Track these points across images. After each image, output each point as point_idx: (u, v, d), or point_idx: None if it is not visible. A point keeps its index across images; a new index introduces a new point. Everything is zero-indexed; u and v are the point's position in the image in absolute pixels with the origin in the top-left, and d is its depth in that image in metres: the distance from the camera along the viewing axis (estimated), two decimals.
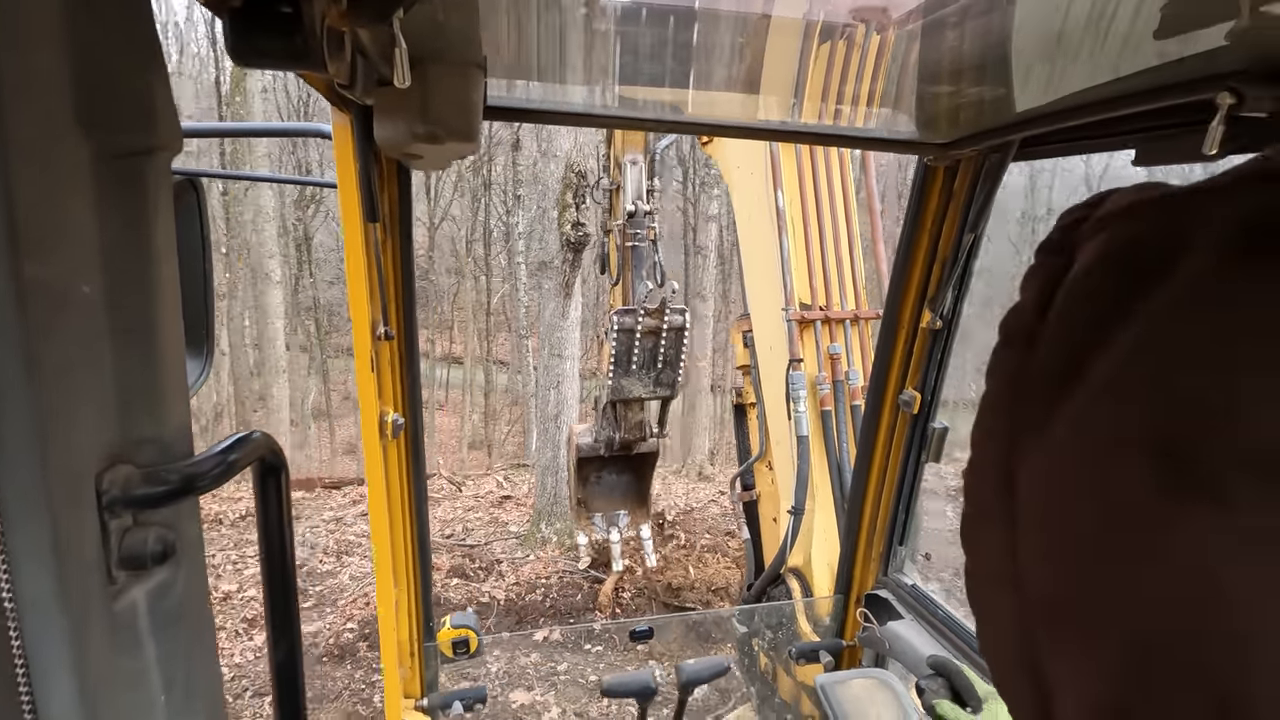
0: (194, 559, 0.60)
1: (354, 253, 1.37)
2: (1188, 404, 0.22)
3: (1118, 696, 0.25)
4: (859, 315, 3.11)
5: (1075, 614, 0.27)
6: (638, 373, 4.11)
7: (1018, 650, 0.30)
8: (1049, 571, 0.28)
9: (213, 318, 1.05)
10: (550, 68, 1.42)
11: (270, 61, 1.00)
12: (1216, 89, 1.01)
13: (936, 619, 1.91)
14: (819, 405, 2.99)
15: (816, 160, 3.15)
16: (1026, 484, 0.28)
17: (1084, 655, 0.27)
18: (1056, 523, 0.27)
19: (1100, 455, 0.25)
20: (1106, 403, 0.24)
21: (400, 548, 1.72)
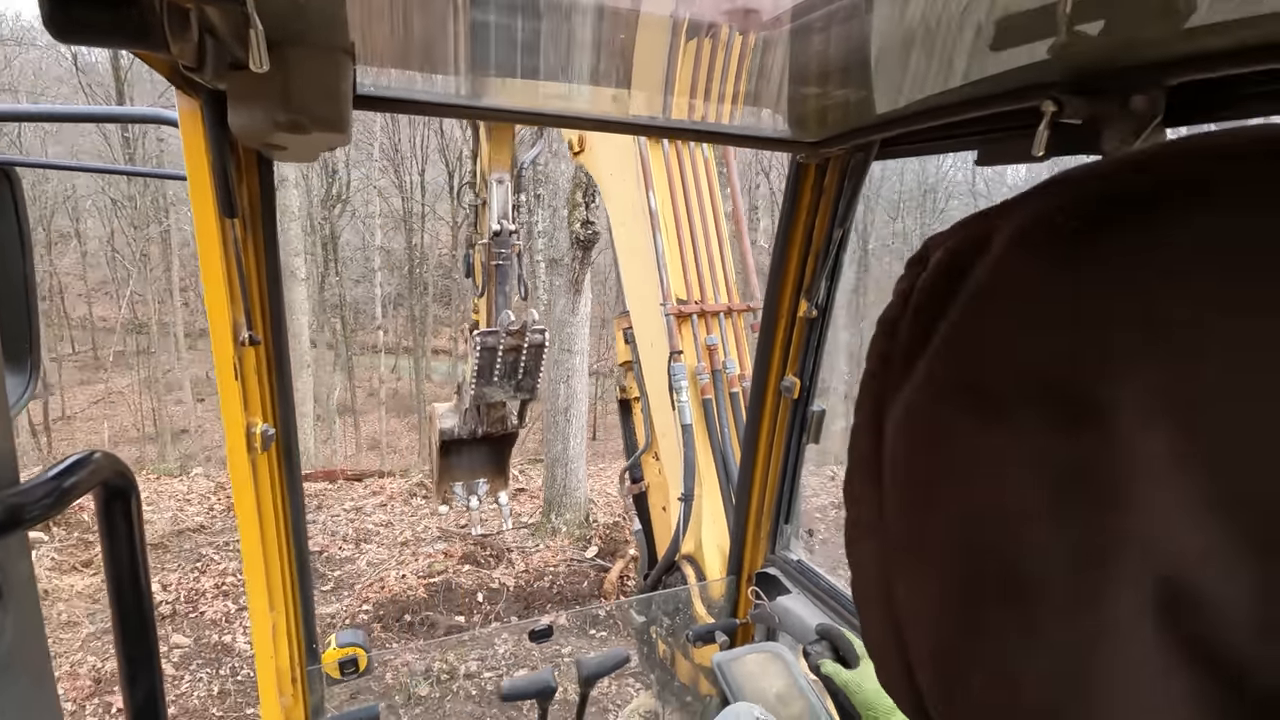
0: (25, 600, 0.53)
1: (209, 251, 1.23)
2: (982, 356, 0.31)
3: (945, 608, 0.31)
4: (732, 308, 3.28)
5: (918, 543, 0.33)
6: (500, 381, 4.54)
7: (878, 592, 0.36)
8: (901, 506, 0.34)
9: (37, 326, 0.91)
10: (424, 57, 1.35)
11: (98, 38, 0.88)
12: (1042, 97, 1.14)
13: (821, 590, 2.03)
14: (700, 394, 3.12)
15: (684, 164, 3.33)
16: (889, 437, 0.35)
17: (922, 579, 0.33)
18: (905, 462, 0.34)
19: (930, 401, 0.33)
20: (936, 364, 0.32)
21: (275, 567, 1.57)
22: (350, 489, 10.42)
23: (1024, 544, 0.28)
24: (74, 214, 21.91)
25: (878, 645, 0.37)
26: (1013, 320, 0.29)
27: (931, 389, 0.33)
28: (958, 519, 0.31)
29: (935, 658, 0.33)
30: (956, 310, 0.32)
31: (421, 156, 20.99)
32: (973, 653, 0.31)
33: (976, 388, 0.30)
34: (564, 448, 8.08)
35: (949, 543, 0.31)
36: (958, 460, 0.31)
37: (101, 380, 22.49)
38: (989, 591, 0.30)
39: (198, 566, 7.36)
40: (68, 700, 5.20)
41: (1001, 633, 0.29)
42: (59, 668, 5.51)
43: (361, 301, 23.37)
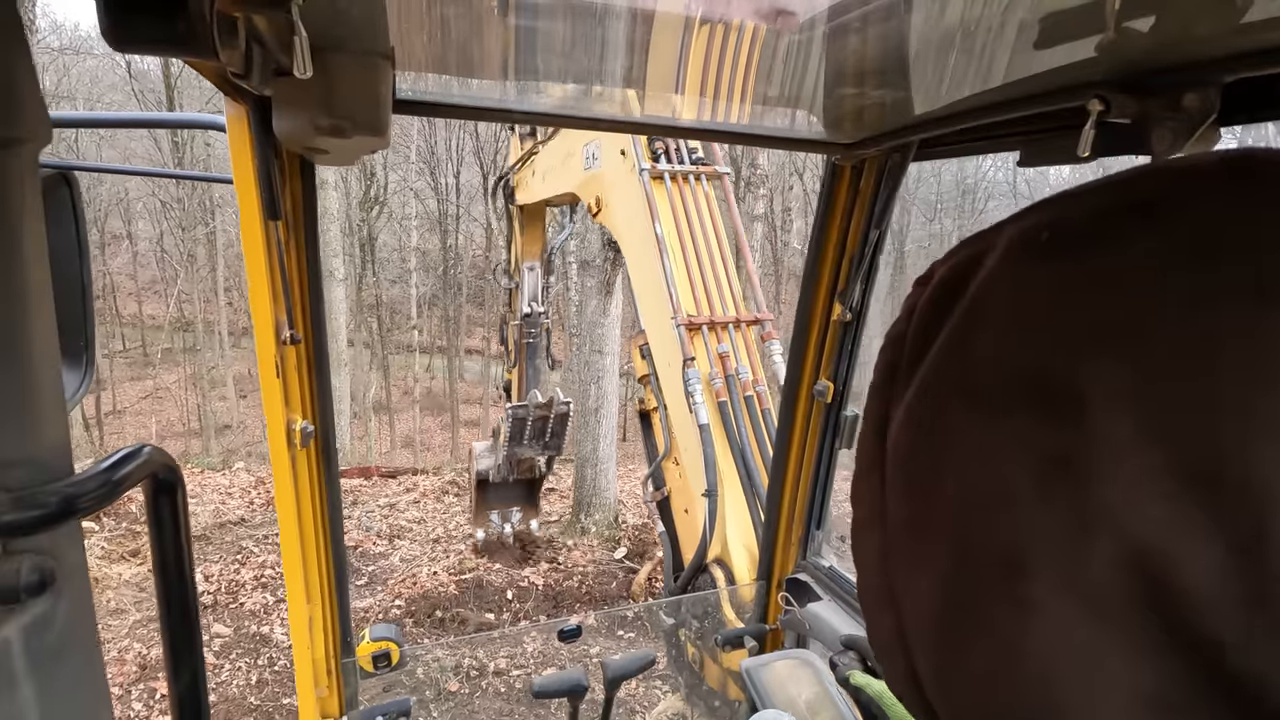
0: (77, 588, 0.55)
1: (254, 252, 1.27)
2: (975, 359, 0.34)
3: (944, 592, 0.34)
4: (740, 319, 3.48)
5: (916, 533, 0.36)
6: (530, 442, 5.57)
7: (880, 583, 0.39)
8: (901, 500, 0.37)
9: (92, 324, 0.94)
10: (462, 61, 1.37)
11: (151, 47, 0.92)
12: (1088, 96, 1.11)
13: (853, 598, 2.00)
14: (715, 397, 3.23)
15: (686, 199, 3.69)
16: (892, 438, 0.38)
17: (921, 567, 0.36)
18: (906, 459, 0.37)
19: (929, 402, 0.36)
20: (934, 368, 0.36)
21: (313, 561, 1.62)
22: (384, 486, 10.68)
23: (1015, 525, 0.31)
24: (126, 216, 22.82)
25: (883, 640, 0.39)
26: (1000, 326, 0.33)
27: (930, 391, 0.36)
28: (954, 505, 0.34)
29: (935, 640, 0.35)
30: (953, 320, 0.35)
31: (457, 159, 21.34)
32: (970, 634, 0.33)
33: (970, 386, 0.33)
34: (594, 448, 8.16)
35: (946, 528, 0.34)
36: (953, 453, 0.34)
37: (150, 376, 23.36)
38: (985, 572, 0.32)
39: (238, 558, 7.58)
40: (114, 685, 5.40)
41: (995, 609, 0.32)
42: (106, 653, 5.72)
43: (397, 301, 23.94)
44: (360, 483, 10.73)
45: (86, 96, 19.61)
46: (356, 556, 7.77)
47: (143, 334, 25.11)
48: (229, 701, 5.43)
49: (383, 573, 7.44)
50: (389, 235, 22.91)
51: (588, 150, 4.26)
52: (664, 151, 3.79)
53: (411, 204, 22.91)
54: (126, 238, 23.78)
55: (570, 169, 4.58)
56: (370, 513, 9.08)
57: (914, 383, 0.36)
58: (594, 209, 4.28)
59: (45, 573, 0.48)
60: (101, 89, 20.63)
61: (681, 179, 3.73)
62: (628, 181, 3.77)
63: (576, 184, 4.46)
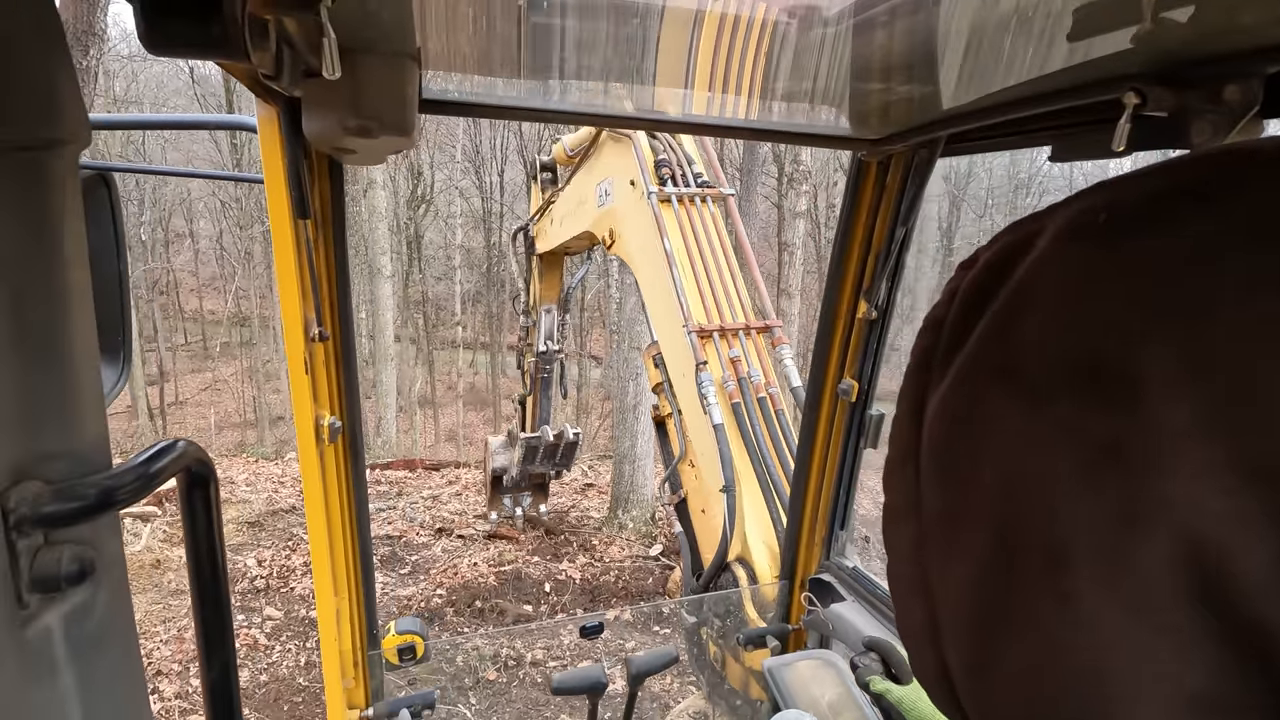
0: (115, 577, 0.56)
1: (283, 251, 1.31)
2: (1020, 341, 0.33)
3: (980, 583, 0.33)
4: (750, 326, 3.55)
5: (952, 522, 0.35)
6: (542, 461, 6.39)
7: (913, 575, 0.38)
8: (937, 489, 0.37)
9: (130, 322, 0.99)
10: (487, 60, 1.39)
11: (186, 50, 0.95)
12: (1123, 89, 1.07)
13: (877, 599, 1.97)
14: (728, 399, 3.28)
15: (694, 217, 3.86)
16: (928, 424, 0.37)
17: (957, 557, 0.35)
18: (943, 446, 0.36)
19: (969, 387, 0.35)
20: (976, 352, 0.35)
21: (340, 555, 1.66)
22: (428, 478, 10.90)
23: (1060, 514, 0.30)
24: (189, 215, 23.83)
25: (912, 632, 0.38)
26: (1049, 309, 0.32)
27: (970, 376, 0.35)
28: (992, 495, 0.33)
29: (970, 633, 0.34)
30: (998, 303, 0.34)
31: (501, 157, 21.63)
32: (1008, 624, 0.32)
33: (1013, 371, 0.32)
34: (632, 444, 8.19)
35: (984, 518, 0.33)
36: (993, 441, 0.33)
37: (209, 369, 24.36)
38: (1024, 562, 0.31)
39: (289, 545, 7.85)
40: (174, 662, 5.65)
41: (1036, 602, 0.31)
42: (169, 631, 5.99)
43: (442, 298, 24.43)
44: (405, 475, 10.99)
45: (153, 100, 20.54)
46: (401, 546, 7.96)
47: (203, 328, 26.19)
48: (279, 682, 5.63)
49: (425, 563, 7.60)
50: (435, 233, 23.40)
51: (600, 189, 4.47)
52: (670, 176, 3.94)
53: (457, 202, 23.33)
54: (189, 236, 24.83)
55: (585, 210, 4.77)
56: (414, 504, 9.28)
57: (953, 368, 0.36)
58: (608, 241, 4.46)
59: (85, 563, 0.50)
60: (166, 93, 21.58)
61: (688, 200, 3.88)
62: (638, 208, 3.94)
63: (591, 222, 4.65)
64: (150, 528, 7.69)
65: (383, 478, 10.65)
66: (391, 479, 10.67)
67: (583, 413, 21.07)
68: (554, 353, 6.53)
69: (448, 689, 5.34)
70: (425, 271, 22.56)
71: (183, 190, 21.92)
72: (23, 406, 0.47)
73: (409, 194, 20.44)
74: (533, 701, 5.30)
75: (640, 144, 4.03)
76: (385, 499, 9.46)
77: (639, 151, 3.99)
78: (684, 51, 1.33)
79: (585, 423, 20.69)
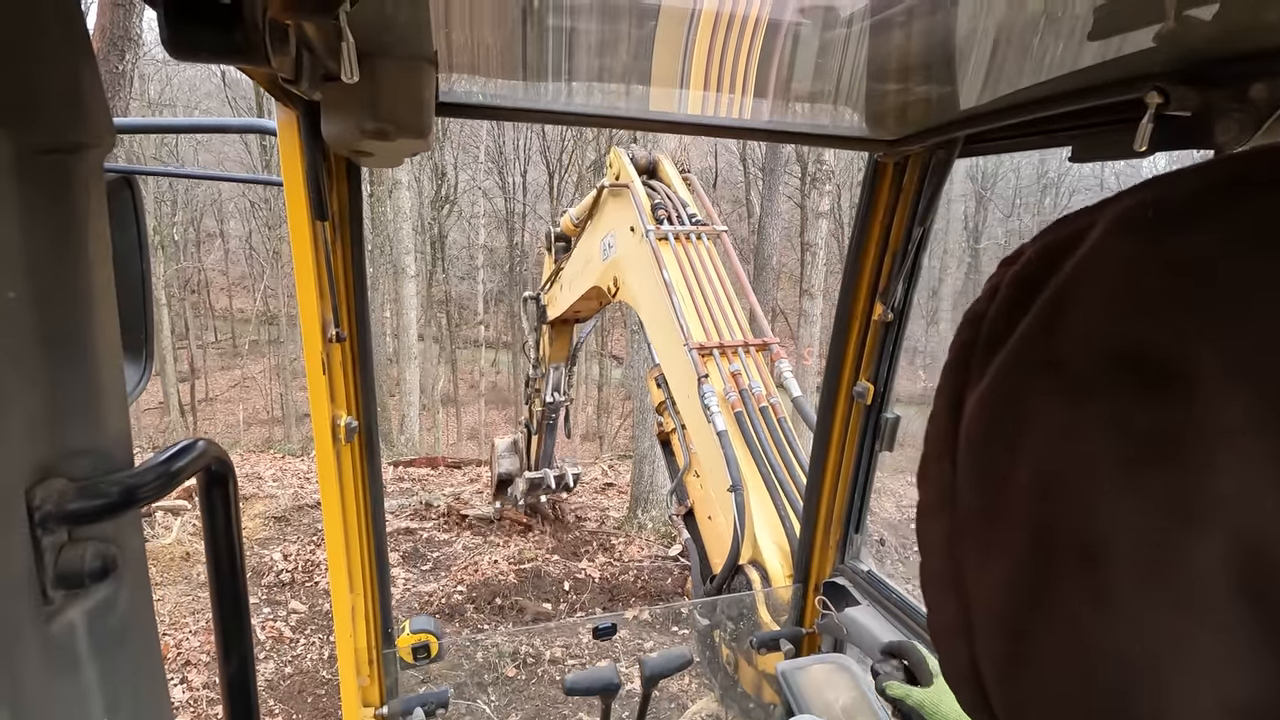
0: (137, 574, 0.57)
1: (302, 252, 1.34)
2: (1067, 334, 0.32)
3: (1015, 579, 0.33)
4: (748, 343, 3.69)
5: (989, 517, 0.35)
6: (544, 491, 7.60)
7: (946, 568, 0.38)
8: (974, 483, 0.36)
9: (152, 322, 1.01)
10: (503, 63, 1.40)
11: (208, 55, 0.97)
12: (1145, 88, 1.05)
13: (892, 603, 1.95)
14: (731, 409, 3.37)
15: (690, 252, 4.11)
16: (967, 419, 0.37)
17: (992, 553, 0.34)
18: (981, 440, 0.36)
19: (1011, 381, 0.34)
20: (1019, 346, 0.34)
21: (356, 553, 1.68)
22: (450, 475, 11.01)
23: (1101, 511, 0.29)
24: (219, 216, 24.32)
25: (944, 630, 0.38)
26: (1099, 304, 0.31)
27: (1012, 371, 0.34)
28: (1031, 492, 0.32)
29: (1004, 631, 0.34)
30: (1044, 297, 0.33)
31: (524, 158, 21.75)
32: (1044, 622, 0.31)
33: (1057, 366, 0.32)
34: (652, 444, 8.15)
35: (1022, 514, 0.33)
36: (1034, 437, 0.33)
37: (238, 366, 24.83)
38: (1062, 559, 0.31)
39: (314, 540, 7.96)
40: (202, 652, 5.76)
41: (1074, 600, 0.30)
42: (197, 623, 6.12)
43: (465, 298, 24.64)
44: (427, 472, 11.11)
45: (185, 103, 20.97)
46: (422, 543, 8.05)
47: (233, 326, 26.69)
48: (303, 675, 5.72)
49: (446, 559, 7.67)
50: (458, 233, 23.62)
51: (604, 243, 4.76)
52: (667, 217, 4.26)
53: (480, 203, 23.50)
54: (219, 236, 25.33)
55: (591, 267, 5.06)
56: (436, 501, 9.40)
57: (994, 363, 0.35)
58: (613, 290, 4.72)
59: (108, 559, 0.50)
60: (199, 96, 22.02)
61: (684, 238, 4.15)
62: (638, 250, 4.20)
63: (598, 276, 4.91)
64: (180, 521, 7.85)
65: (406, 475, 10.77)
66: (415, 476, 10.80)
67: (603, 412, 21.13)
68: (560, 402, 7.14)
69: (467, 685, 5.39)
70: (449, 271, 22.80)
71: (214, 191, 22.36)
72: (48, 405, 0.48)
73: (433, 194, 20.65)
74: (550, 700, 5.32)
75: (638, 191, 4.35)
76: (408, 495, 9.58)
77: (637, 199, 4.28)
78: (701, 54, 1.33)
79: (605, 423, 20.74)
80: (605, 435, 19.80)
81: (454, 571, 7.29)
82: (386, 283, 15.59)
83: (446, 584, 7.03)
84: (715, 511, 3.43)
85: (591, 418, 20.97)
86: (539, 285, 6.81)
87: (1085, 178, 20.64)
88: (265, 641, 6.03)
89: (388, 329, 17.14)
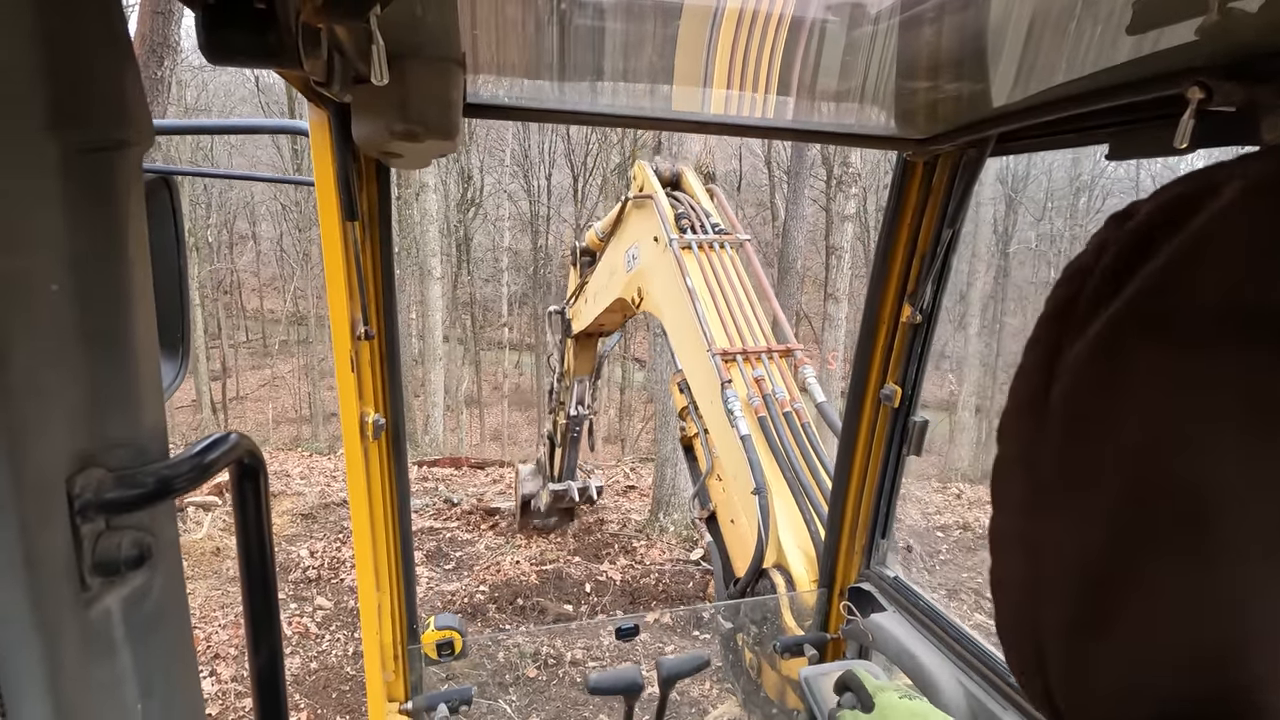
0: (171, 563, 0.58)
1: (332, 252, 1.36)
2: (1190, 291, 0.31)
3: (1102, 540, 0.32)
4: (772, 349, 3.70)
5: (1079, 475, 0.34)
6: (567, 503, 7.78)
7: (1018, 526, 0.38)
8: (1065, 440, 0.35)
9: (188, 318, 1.03)
10: (531, 64, 1.41)
11: (244, 59, 0.98)
12: (1186, 83, 1.02)
13: (919, 610, 1.92)
14: (754, 414, 3.38)
15: (714, 261, 4.16)
16: (1062, 375, 0.36)
17: (1077, 511, 0.33)
18: (1079, 397, 0.35)
19: (1119, 337, 0.33)
20: (1132, 302, 0.33)
21: (383, 550, 1.70)
22: (473, 476, 11.13)
23: (1218, 475, 0.28)
24: (251, 218, 24.86)
25: (1008, 585, 0.38)
26: (1232, 263, 0.30)
27: (1125, 324, 0.33)
28: (1132, 450, 0.32)
29: (1083, 589, 0.33)
30: (1163, 257, 0.32)
31: (549, 162, 21.91)
32: (1135, 583, 0.31)
33: (1182, 321, 0.31)
34: (674, 448, 8.16)
35: (1123, 473, 0.32)
36: (1142, 394, 0.32)
37: (268, 365, 25.33)
38: (1164, 521, 0.30)
39: (340, 537, 8.09)
40: (230, 645, 5.88)
41: (1175, 563, 0.29)
42: (226, 616, 6.25)
43: (490, 300, 24.93)
44: (451, 472, 11.24)
45: (220, 108, 21.48)
46: (445, 542, 8.13)
47: (263, 326, 27.24)
48: (329, 670, 5.80)
49: (469, 559, 7.75)
50: (483, 235, 23.92)
51: (628, 255, 4.81)
52: (690, 226, 4.31)
53: (505, 205, 23.73)
54: (251, 238, 25.89)
55: (616, 279, 5.10)
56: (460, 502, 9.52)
57: (1100, 318, 0.34)
58: (637, 300, 4.77)
59: (143, 548, 0.51)
60: (234, 101, 22.54)
61: (707, 246, 4.20)
62: (662, 259, 4.24)
63: (622, 288, 4.96)
64: (211, 516, 8.02)
65: (430, 474, 10.88)
66: (439, 475, 10.91)
67: (625, 415, 21.17)
68: (584, 415, 7.23)
69: (488, 684, 5.42)
70: (474, 273, 23.06)
71: (247, 195, 22.86)
72: (89, 397, 0.49)
73: (459, 197, 20.91)
74: (571, 701, 5.33)
75: (661, 202, 4.39)
76: (431, 495, 9.68)
77: (660, 209, 4.32)
78: (726, 52, 1.33)
79: (628, 425, 20.81)
80: (627, 438, 19.87)
81: (476, 571, 7.38)
82: (413, 284, 15.79)
83: (469, 583, 7.11)
84: (738, 515, 3.42)
85: (614, 420, 21.02)
86: (564, 299, 6.87)
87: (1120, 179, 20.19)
88: (291, 637, 6.13)
89: (413, 330, 17.38)
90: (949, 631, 1.82)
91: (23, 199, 0.43)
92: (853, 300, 14.68)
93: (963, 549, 8.36)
